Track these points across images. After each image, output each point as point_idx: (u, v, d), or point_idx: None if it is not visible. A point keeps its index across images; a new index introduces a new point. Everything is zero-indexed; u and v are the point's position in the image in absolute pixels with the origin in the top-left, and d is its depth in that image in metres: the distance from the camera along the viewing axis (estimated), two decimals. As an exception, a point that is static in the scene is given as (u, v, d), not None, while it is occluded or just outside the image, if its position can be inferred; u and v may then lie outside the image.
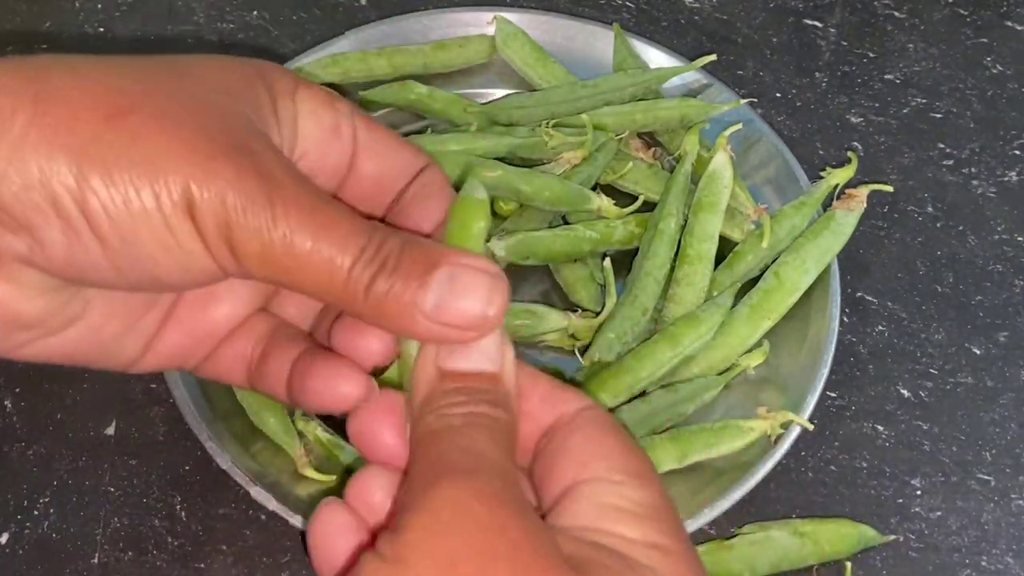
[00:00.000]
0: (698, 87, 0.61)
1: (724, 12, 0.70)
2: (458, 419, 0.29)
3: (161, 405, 0.51)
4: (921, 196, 0.62)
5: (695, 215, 0.54)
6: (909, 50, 0.69)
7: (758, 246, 0.54)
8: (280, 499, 0.45)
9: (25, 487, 0.49)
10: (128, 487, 0.49)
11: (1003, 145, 0.64)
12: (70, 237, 0.28)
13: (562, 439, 0.30)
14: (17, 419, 0.51)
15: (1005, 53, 0.69)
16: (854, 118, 0.65)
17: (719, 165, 0.54)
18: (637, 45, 0.62)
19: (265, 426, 0.48)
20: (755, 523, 0.48)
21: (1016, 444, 0.53)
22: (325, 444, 0.49)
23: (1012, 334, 0.56)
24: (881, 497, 0.51)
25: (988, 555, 0.49)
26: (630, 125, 0.58)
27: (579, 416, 0.31)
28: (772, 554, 0.47)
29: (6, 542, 0.48)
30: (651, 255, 0.53)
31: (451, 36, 0.63)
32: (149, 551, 0.48)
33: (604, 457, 0.30)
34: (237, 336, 0.36)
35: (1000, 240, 0.60)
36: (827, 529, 0.48)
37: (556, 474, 0.30)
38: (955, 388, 0.54)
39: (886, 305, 0.57)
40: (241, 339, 0.36)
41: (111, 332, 0.33)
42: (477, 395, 0.29)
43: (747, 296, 0.53)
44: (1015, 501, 0.51)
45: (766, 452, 0.48)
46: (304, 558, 0.47)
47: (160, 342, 0.35)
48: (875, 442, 0.52)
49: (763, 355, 0.51)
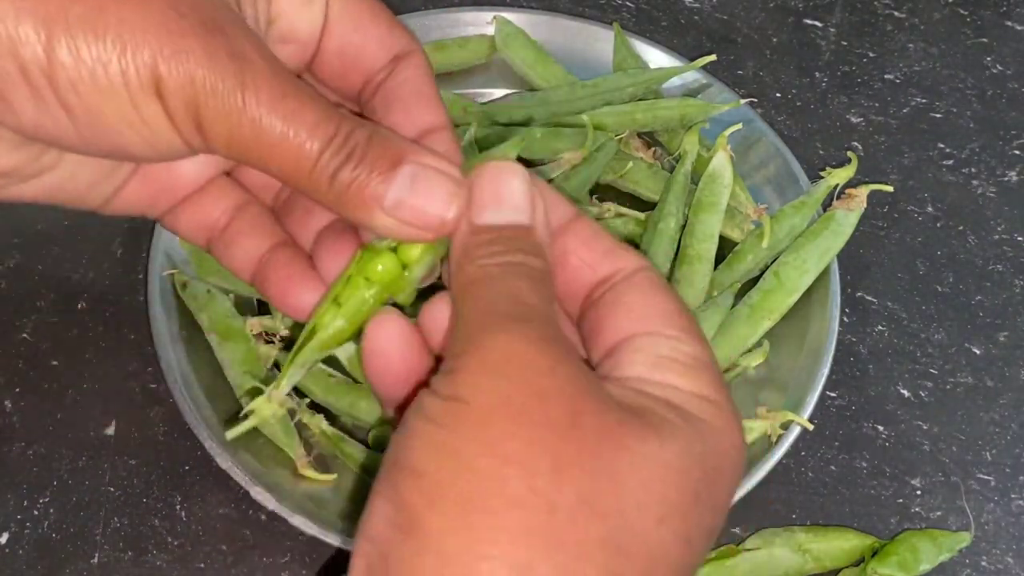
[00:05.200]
0: (698, 87, 0.61)
1: (724, 12, 0.70)
2: (497, 268, 0.29)
3: (161, 405, 0.51)
4: (921, 196, 0.62)
5: (695, 215, 0.54)
6: (909, 50, 0.69)
7: (758, 246, 0.54)
8: (280, 499, 0.45)
9: (25, 487, 0.49)
10: (128, 487, 0.49)
11: (1003, 145, 0.64)
12: (38, 104, 0.28)
13: (619, 293, 0.31)
14: (17, 419, 0.51)
15: (1005, 53, 0.69)
16: (854, 118, 0.65)
17: (719, 165, 0.54)
18: (637, 45, 0.62)
19: (265, 426, 0.48)
20: (758, 533, 0.48)
21: (1016, 444, 0.53)
22: (329, 437, 0.49)
23: (1012, 334, 0.56)
24: (881, 497, 0.51)
25: (988, 555, 0.49)
26: (630, 125, 0.58)
27: (637, 274, 0.31)
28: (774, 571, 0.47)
29: (6, 542, 0.48)
30: (651, 255, 0.53)
31: (451, 36, 0.63)
32: (149, 551, 0.48)
33: (660, 314, 0.30)
34: (202, 197, 0.36)
35: (1000, 240, 0.60)
36: (831, 546, 0.48)
37: (610, 326, 0.30)
38: (955, 388, 0.54)
39: (886, 305, 0.57)
40: (205, 202, 0.36)
41: (84, 180, 0.33)
42: (512, 244, 0.30)
43: (747, 296, 0.53)
44: (1015, 501, 0.51)
45: (766, 452, 0.48)
46: (304, 558, 0.47)
47: (128, 189, 0.35)
48: (875, 442, 0.52)
49: (763, 355, 0.51)
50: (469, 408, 0.26)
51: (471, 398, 0.26)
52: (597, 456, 0.26)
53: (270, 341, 0.51)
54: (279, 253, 0.35)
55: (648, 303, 0.31)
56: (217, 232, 0.36)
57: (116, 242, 0.57)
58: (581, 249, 0.32)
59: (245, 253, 0.35)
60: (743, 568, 0.47)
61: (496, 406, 0.26)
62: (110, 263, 0.56)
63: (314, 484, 0.47)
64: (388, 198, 0.30)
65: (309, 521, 0.45)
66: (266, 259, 0.35)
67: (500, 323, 0.28)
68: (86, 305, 0.55)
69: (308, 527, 0.45)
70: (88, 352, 0.53)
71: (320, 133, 0.30)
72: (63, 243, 0.57)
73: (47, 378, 0.52)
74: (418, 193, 0.30)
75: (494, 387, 0.26)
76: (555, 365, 0.27)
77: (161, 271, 0.52)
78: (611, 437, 0.26)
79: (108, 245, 0.57)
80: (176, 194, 0.35)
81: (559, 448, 0.26)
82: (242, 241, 0.35)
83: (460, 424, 0.26)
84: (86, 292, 0.55)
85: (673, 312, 0.30)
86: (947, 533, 0.48)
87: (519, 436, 0.26)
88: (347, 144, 0.30)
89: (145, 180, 0.35)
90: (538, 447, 0.26)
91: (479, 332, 0.28)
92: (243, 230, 0.35)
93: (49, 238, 0.57)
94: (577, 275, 0.32)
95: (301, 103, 0.29)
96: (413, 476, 0.26)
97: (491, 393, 0.26)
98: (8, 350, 0.53)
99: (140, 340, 0.53)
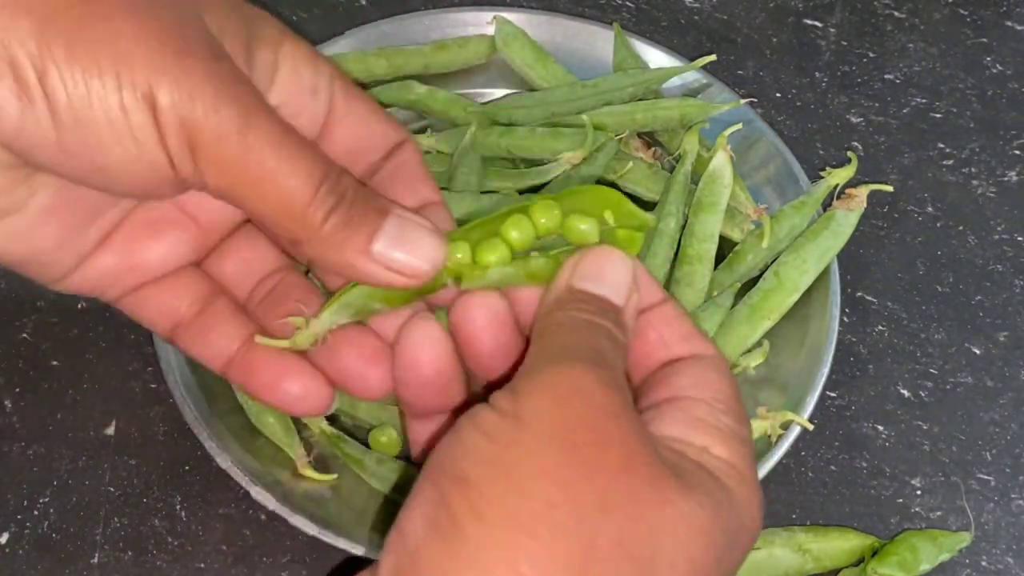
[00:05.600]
0: (698, 87, 0.61)
1: (724, 12, 0.70)
2: (584, 321, 0.30)
3: (161, 405, 0.51)
4: (921, 196, 0.62)
5: (695, 215, 0.54)
6: (909, 50, 0.69)
7: (758, 246, 0.54)
8: (280, 499, 0.45)
9: (25, 487, 0.49)
10: (128, 487, 0.49)
11: (1003, 145, 0.64)
12: (24, 103, 0.28)
13: (682, 366, 0.32)
14: (17, 419, 0.51)
15: (1005, 53, 0.69)
16: (854, 118, 0.65)
17: (719, 165, 0.54)
18: (637, 45, 0.62)
19: (265, 426, 0.48)
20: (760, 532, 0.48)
21: (1016, 444, 0.53)
22: (329, 437, 0.49)
23: (1012, 334, 0.56)
24: (881, 497, 0.51)
25: (988, 555, 0.49)
26: (630, 125, 0.58)
27: (709, 359, 0.32)
28: (774, 571, 0.47)
29: (6, 542, 0.48)
30: (651, 255, 0.53)
31: (451, 36, 0.63)
32: (149, 551, 0.48)
33: (713, 388, 0.31)
34: (169, 285, 0.35)
35: (1000, 240, 0.60)
36: (831, 546, 0.48)
37: (663, 385, 0.31)
38: (955, 388, 0.54)
39: (886, 305, 0.57)
40: (173, 290, 0.35)
41: (51, 234, 0.32)
42: (602, 311, 0.31)
43: (747, 296, 0.53)
44: (1015, 501, 0.51)
45: (766, 452, 0.48)
46: (304, 558, 0.47)
47: (94, 259, 0.34)
48: (875, 442, 0.52)
49: (763, 355, 0.51)
50: (529, 429, 0.27)
51: (532, 420, 0.27)
52: (642, 503, 0.27)
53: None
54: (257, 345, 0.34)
55: (705, 378, 0.32)
56: (186, 320, 0.35)
57: (116, 242, 0.57)
58: (662, 326, 0.33)
59: (218, 343, 0.35)
60: (743, 568, 0.47)
61: (556, 433, 0.27)
62: (110, 263, 0.56)
63: (314, 484, 0.47)
64: (377, 244, 0.31)
65: (309, 521, 0.45)
66: (244, 350, 0.35)
67: (573, 360, 0.28)
68: (86, 305, 0.55)
69: (308, 527, 0.45)
70: (88, 352, 0.53)
71: (316, 172, 0.30)
72: (63, 243, 0.57)
73: (47, 378, 0.52)
74: (406, 241, 0.31)
75: (557, 415, 0.27)
76: (619, 410, 0.28)
77: (161, 271, 0.52)
78: (659, 489, 0.27)
79: (108, 245, 0.57)
80: (143, 274, 0.35)
81: (609, 488, 0.26)
82: (215, 331, 0.35)
83: (517, 443, 0.27)
84: (86, 292, 0.55)
85: (726, 391, 0.31)
86: (947, 533, 0.48)
87: (574, 467, 0.26)
88: (338, 188, 0.30)
89: (113, 251, 0.34)
90: (590, 483, 0.26)
91: (552, 362, 0.28)
92: (216, 322, 0.35)
93: (49, 238, 0.57)
94: (652, 350, 0.33)
95: (299, 144, 0.30)
96: (461, 483, 0.26)
97: (553, 420, 0.27)
98: (8, 350, 0.53)
99: (140, 340, 0.53)
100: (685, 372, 0.32)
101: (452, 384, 0.34)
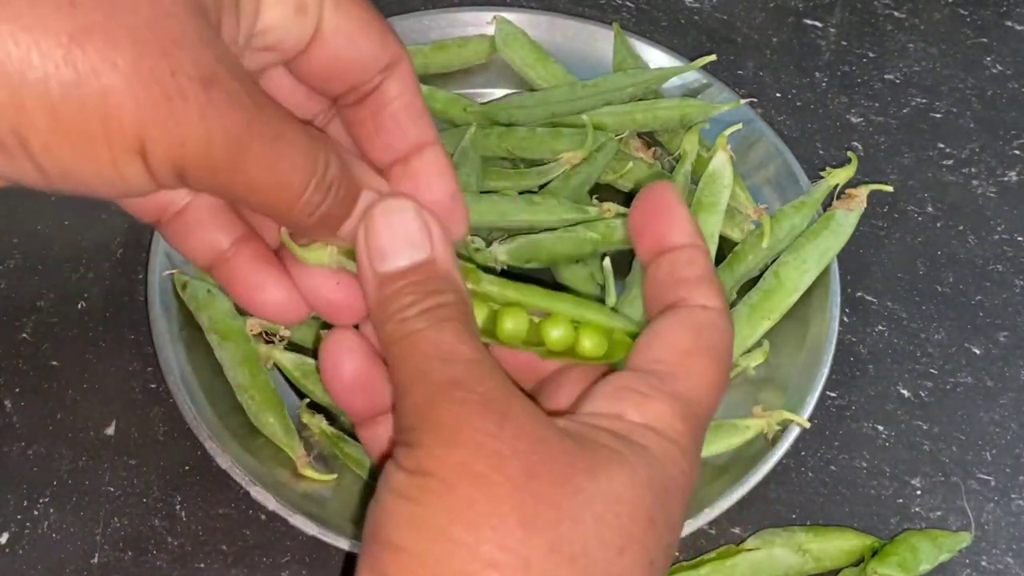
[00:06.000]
0: (698, 87, 0.61)
1: (724, 12, 0.70)
2: (414, 322, 0.30)
3: (161, 405, 0.51)
4: (921, 196, 0.62)
5: (695, 215, 0.54)
6: (909, 50, 0.69)
7: (758, 246, 0.54)
8: (280, 499, 0.45)
9: (25, 487, 0.49)
10: (128, 487, 0.49)
11: (1003, 145, 0.64)
12: (4, 158, 0.27)
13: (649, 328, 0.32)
14: (17, 419, 0.51)
15: (1005, 53, 0.69)
16: (854, 118, 0.65)
17: (719, 165, 0.54)
18: (637, 45, 0.62)
19: (265, 426, 0.48)
20: (758, 533, 0.48)
21: (1016, 444, 0.53)
22: (329, 437, 0.49)
23: (1012, 334, 0.56)
24: (881, 497, 0.51)
25: (988, 555, 0.49)
26: (630, 125, 0.58)
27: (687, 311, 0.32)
28: (774, 571, 0.47)
29: (6, 542, 0.48)
30: (651, 255, 0.53)
31: (451, 36, 0.63)
32: (149, 551, 0.48)
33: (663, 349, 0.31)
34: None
35: (1000, 240, 0.60)
36: (831, 546, 0.48)
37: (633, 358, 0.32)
38: (955, 388, 0.54)
39: (886, 305, 0.57)
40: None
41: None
42: (421, 287, 0.30)
43: (747, 296, 0.53)
44: (1015, 501, 0.51)
45: (765, 452, 0.48)
46: (304, 558, 0.47)
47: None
48: (875, 442, 0.52)
49: (763, 355, 0.51)
50: (434, 480, 0.27)
51: (434, 470, 0.27)
52: (557, 505, 0.27)
53: (270, 341, 0.51)
54: (244, 248, 0.34)
55: (659, 338, 0.32)
56: (170, 212, 0.34)
57: (116, 242, 0.57)
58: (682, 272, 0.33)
59: (203, 242, 0.34)
60: (743, 568, 0.47)
61: (458, 475, 0.27)
62: (110, 263, 0.56)
63: (314, 484, 0.47)
64: (361, 231, 0.31)
65: (309, 521, 0.45)
66: (230, 253, 0.34)
67: (442, 394, 0.29)
68: (86, 305, 0.55)
69: (308, 527, 0.45)
70: (88, 352, 0.53)
71: (306, 173, 0.30)
72: (63, 243, 0.57)
73: (47, 378, 0.52)
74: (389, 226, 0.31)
75: (452, 457, 0.27)
76: (500, 424, 0.28)
77: (161, 271, 0.52)
78: (567, 480, 0.28)
79: (108, 245, 0.57)
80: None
81: (521, 504, 0.27)
82: (200, 230, 0.34)
83: (428, 496, 0.27)
84: (86, 292, 0.55)
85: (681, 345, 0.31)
86: (947, 533, 0.48)
87: (483, 500, 0.27)
88: (325, 181, 0.30)
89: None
90: (502, 507, 0.27)
91: (427, 407, 0.29)
92: (201, 219, 0.34)
93: (49, 238, 0.57)
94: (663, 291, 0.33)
95: (289, 144, 0.29)
96: (392, 551, 0.27)
97: (451, 463, 0.27)
98: (8, 350, 0.53)
99: (140, 340, 0.53)
100: (643, 335, 0.32)
101: (378, 388, 0.34)
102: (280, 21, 0.31)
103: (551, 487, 0.27)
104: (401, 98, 0.34)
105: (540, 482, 0.27)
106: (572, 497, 0.27)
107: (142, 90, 0.26)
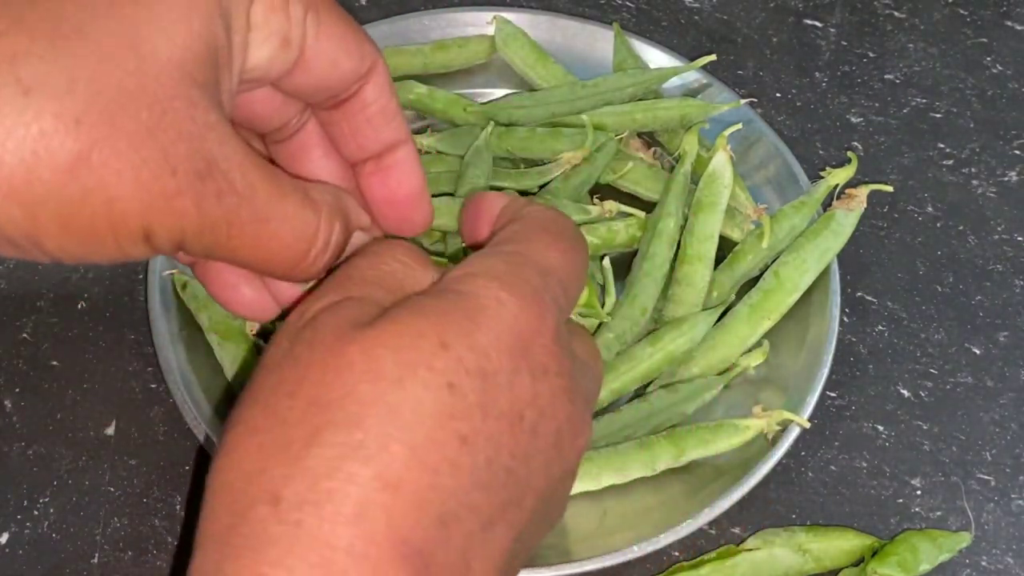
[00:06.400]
0: (698, 87, 0.61)
1: (724, 12, 0.70)
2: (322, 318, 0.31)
3: (161, 405, 0.51)
4: (921, 196, 0.62)
5: (695, 215, 0.54)
6: (909, 50, 0.69)
7: (758, 246, 0.54)
8: (280, 499, 0.45)
9: (25, 487, 0.49)
10: (128, 487, 0.49)
11: (1003, 145, 0.64)
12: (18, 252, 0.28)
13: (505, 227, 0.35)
14: (17, 419, 0.51)
15: (1005, 53, 0.69)
16: (854, 118, 0.65)
17: (719, 165, 0.54)
18: (637, 45, 0.62)
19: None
20: (758, 533, 0.48)
21: (1016, 444, 0.53)
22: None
23: (1012, 334, 0.56)
24: (881, 497, 0.51)
25: (988, 555, 0.49)
26: (630, 125, 0.58)
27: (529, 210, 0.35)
28: (774, 571, 0.47)
29: (6, 542, 0.48)
30: (650, 255, 0.53)
31: (451, 36, 0.63)
32: (149, 551, 0.48)
33: (517, 234, 0.34)
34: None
35: (1000, 240, 0.60)
36: (831, 546, 0.48)
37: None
38: (955, 388, 0.54)
39: (886, 305, 0.57)
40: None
41: None
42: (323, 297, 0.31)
43: (747, 296, 0.53)
44: (1015, 501, 0.51)
45: (765, 452, 0.48)
46: (304, 558, 0.47)
47: None
48: (875, 442, 0.52)
49: (763, 355, 0.51)
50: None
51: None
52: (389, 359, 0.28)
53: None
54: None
55: (511, 230, 0.34)
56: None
57: (116, 242, 0.57)
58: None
59: None
60: (743, 568, 0.47)
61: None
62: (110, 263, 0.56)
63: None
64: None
65: (309, 521, 0.45)
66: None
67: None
68: (86, 305, 0.55)
69: (308, 527, 0.45)
70: (88, 352, 0.53)
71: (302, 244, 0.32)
72: (63, 243, 0.57)
73: (47, 378, 0.52)
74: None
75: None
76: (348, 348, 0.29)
77: (161, 271, 0.52)
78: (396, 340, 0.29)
79: (108, 245, 0.57)
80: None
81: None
82: None
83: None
84: (86, 292, 0.55)
85: (529, 234, 0.34)
86: (947, 533, 0.48)
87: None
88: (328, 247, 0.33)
89: None
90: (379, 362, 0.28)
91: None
92: None
93: (49, 238, 0.57)
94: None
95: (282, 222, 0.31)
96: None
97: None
98: (8, 350, 0.53)
99: (140, 340, 0.53)
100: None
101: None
102: (267, 58, 0.32)
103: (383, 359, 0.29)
104: (377, 102, 0.35)
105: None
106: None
107: (146, 194, 0.28)
